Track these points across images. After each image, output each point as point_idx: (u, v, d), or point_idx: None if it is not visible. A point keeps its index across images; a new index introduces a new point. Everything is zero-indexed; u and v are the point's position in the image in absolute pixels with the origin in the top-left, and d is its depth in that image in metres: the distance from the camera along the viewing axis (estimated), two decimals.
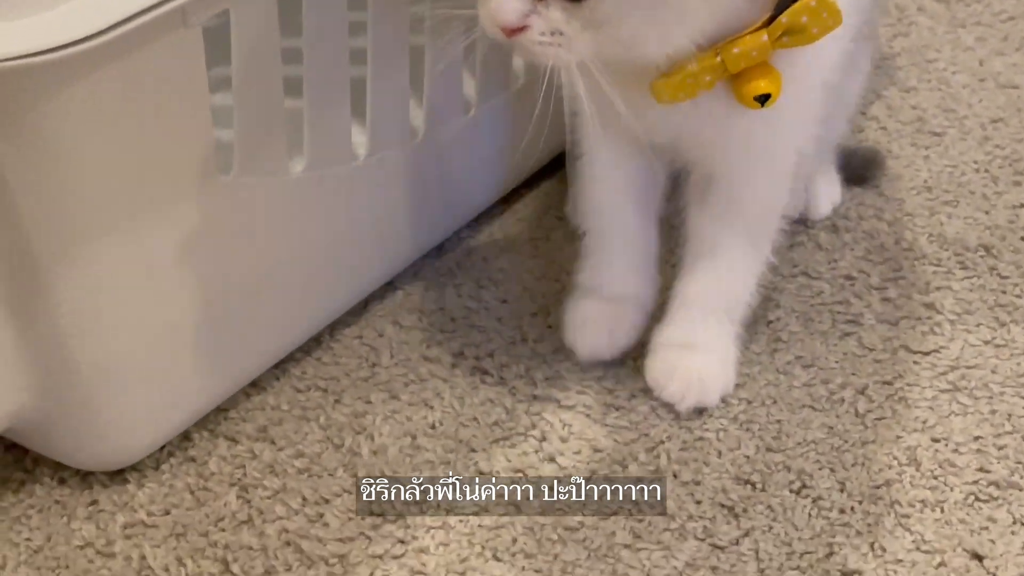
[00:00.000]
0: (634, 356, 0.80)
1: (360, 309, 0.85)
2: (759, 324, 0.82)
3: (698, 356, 0.77)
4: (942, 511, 0.71)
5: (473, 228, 0.91)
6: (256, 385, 0.80)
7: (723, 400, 0.78)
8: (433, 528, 0.71)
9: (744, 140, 0.71)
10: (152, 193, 0.67)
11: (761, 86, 0.66)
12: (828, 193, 0.91)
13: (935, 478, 0.73)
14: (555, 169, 0.95)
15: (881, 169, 0.94)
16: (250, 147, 0.71)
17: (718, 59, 0.65)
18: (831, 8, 0.65)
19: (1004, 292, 0.83)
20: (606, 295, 0.80)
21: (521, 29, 0.64)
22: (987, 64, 1.05)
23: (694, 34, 0.64)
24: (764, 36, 0.65)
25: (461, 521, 0.72)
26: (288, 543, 0.71)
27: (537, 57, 0.65)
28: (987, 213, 0.90)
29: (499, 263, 0.88)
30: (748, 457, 0.74)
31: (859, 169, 0.93)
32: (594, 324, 0.79)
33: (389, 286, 0.86)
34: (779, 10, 0.65)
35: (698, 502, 0.72)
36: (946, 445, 0.74)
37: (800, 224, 0.88)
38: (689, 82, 0.66)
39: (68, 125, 0.62)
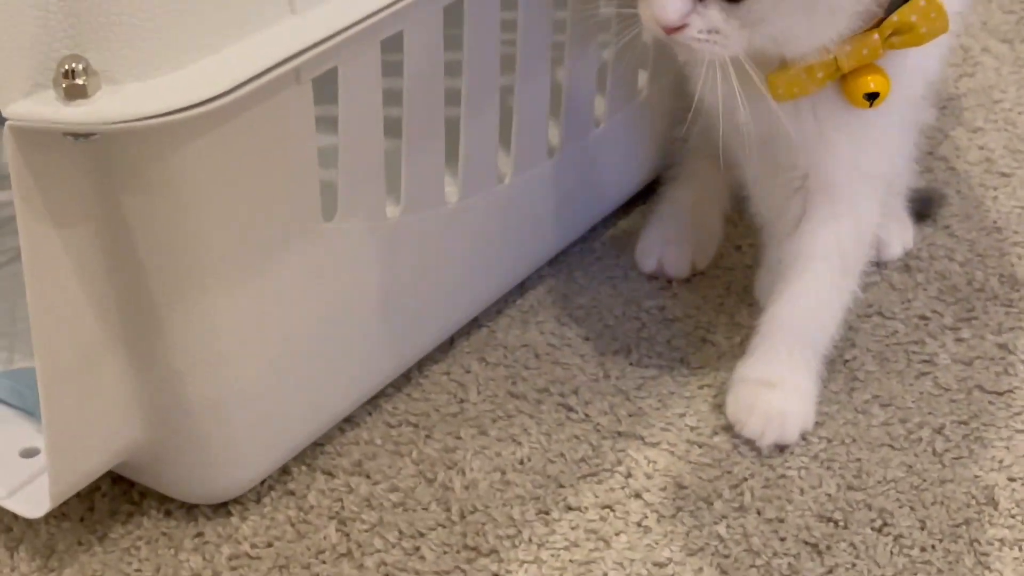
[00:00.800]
0: (714, 394, 0.83)
1: (447, 346, 0.88)
2: (836, 363, 0.84)
3: (778, 393, 0.80)
4: (1020, 549, 0.73)
5: (552, 266, 0.94)
6: (350, 420, 0.83)
7: (803, 438, 0.80)
8: (526, 562, 0.74)
9: (848, 142, 0.75)
10: (263, 238, 0.70)
11: (870, 84, 0.70)
12: (900, 234, 0.93)
13: (1012, 516, 0.75)
14: (631, 208, 0.98)
15: (941, 207, 0.96)
16: (352, 194, 0.74)
17: (831, 57, 0.69)
18: (939, 9, 0.69)
19: None
20: None
21: (681, 27, 0.68)
22: None
23: (836, 32, 0.69)
24: (875, 35, 0.70)
25: (553, 555, 0.74)
26: (387, 575, 0.74)
27: (694, 52, 0.69)
28: None
29: (579, 300, 0.91)
30: (829, 495, 0.76)
31: (920, 207, 0.95)
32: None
33: (474, 323, 0.89)
34: (889, 11, 0.69)
35: (782, 539, 0.74)
36: (1023, 484, 0.76)
37: (874, 265, 0.90)
38: (803, 77, 0.70)
39: (191, 177, 0.65)
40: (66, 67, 0.60)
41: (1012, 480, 0.77)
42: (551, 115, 0.88)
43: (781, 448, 0.80)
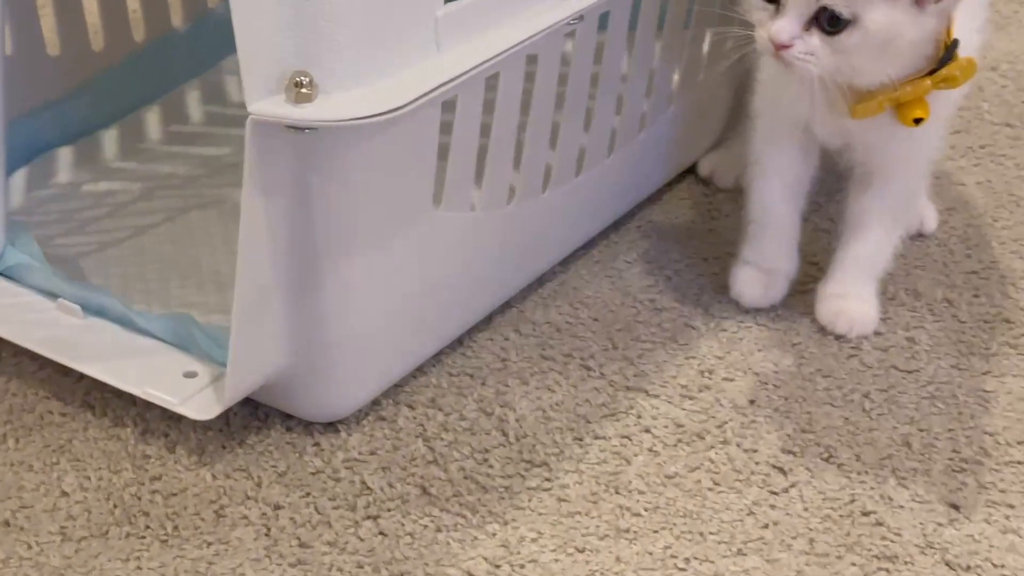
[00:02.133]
0: (698, 363, 1.09)
1: (487, 321, 1.13)
2: (785, 345, 1.12)
3: (854, 301, 1.11)
4: (927, 475, 1.00)
5: (565, 264, 1.19)
6: (421, 370, 1.07)
7: (766, 396, 1.07)
8: (570, 471, 0.99)
9: (899, 146, 1.05)
10: (396, 216, 0.95)
11: (919, 112, 0.99)
12: (931, 213, 1.24)
13: (921, 455, 1.02)
14: (624, 224, 1.24)
15: None
16: (454, 190, 0.99)
17: (896, 92, 0.98)
18: (972, 63, 0.99)
19: None
20: (764, 267, 1.14)
21: (788, 46, 0.95)
22: None
23: (895, 72, 0.97)
24: (928, 82, 0.99)
25: (589, 468, 0.99)
26: (466, 476, 0.98)
27: (794, 68, 0.96)
28: None
29: (587, 292, 1.17)
30: (789, 435, 1.03)
31: None
32: (753, 284, 1.13)
33: (507, 305, 1.14)
34: (941, 64, 0.98)
35: (756, 463, 1.00)
36: (929, 435, 1.04)
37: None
38: (875, 105, 0.98)
39: (360, 165, 0.90)
40: (297, 79, 0.84)
41: (921, 431, 1.04)
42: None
43: (862, 338, 1.11)
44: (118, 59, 1.27)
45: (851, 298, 1.12)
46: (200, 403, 0.96)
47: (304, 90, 0.84)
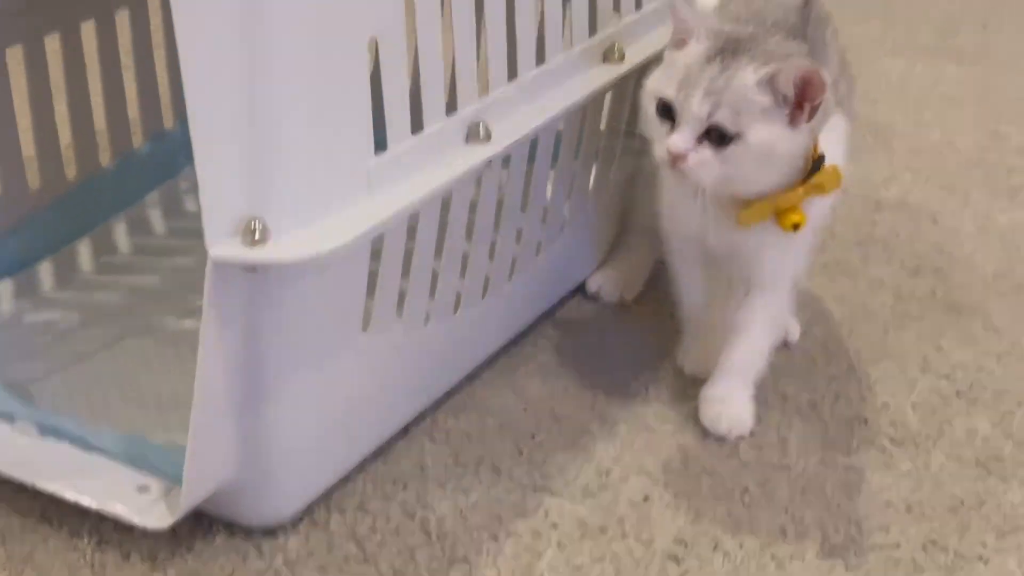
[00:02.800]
0: (599, 472, 1.22)
1: (404, 432, 1.24)
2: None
3: (733, 406, 1.25)
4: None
5: (470, 378, 1.32)
6: (347, 478, 1.18)
7: None
8: (488, 566, 1.11)
9: (777, 254, 1.20)
10: (331, 339, 1.07)
11: (796, 218, 1.14)
12: (794, 325, 1.39)
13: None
14: (522, 339, 1.37)
15: None
16: (380, 314, 1.12)
17: (775, 200, 1.14)
18: (838, 173, 1.14)
19: None
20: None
21: (684, 157, 1.09)
22: None
23: (773, 182, 1.13)
24: (800, 189, 1.14)
25: (505, 561, 1.11)
26: (395, 573, 1.09)
27: (689, 177, 1.10)
28: None
29: (492, 402, 1.29)
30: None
31: None
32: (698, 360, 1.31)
33: (421, 416, 1.26)
34: (810, 174, 1.13)
35: (653, 553, 1.13)
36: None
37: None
38: (757, 212, 1.14)
39: (302, 298, 1.02)
40: (252, 224, 0.96)
41: (795, 521, 1.18)
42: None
43: (740, 438, 1.25)
44: (50, 198, 1.37)
45: (730, 402, 1.26)
46: (155, 514, 1.06)
47: (258, 234, 0.96)
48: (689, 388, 1.30)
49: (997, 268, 1.53)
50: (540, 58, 1.22)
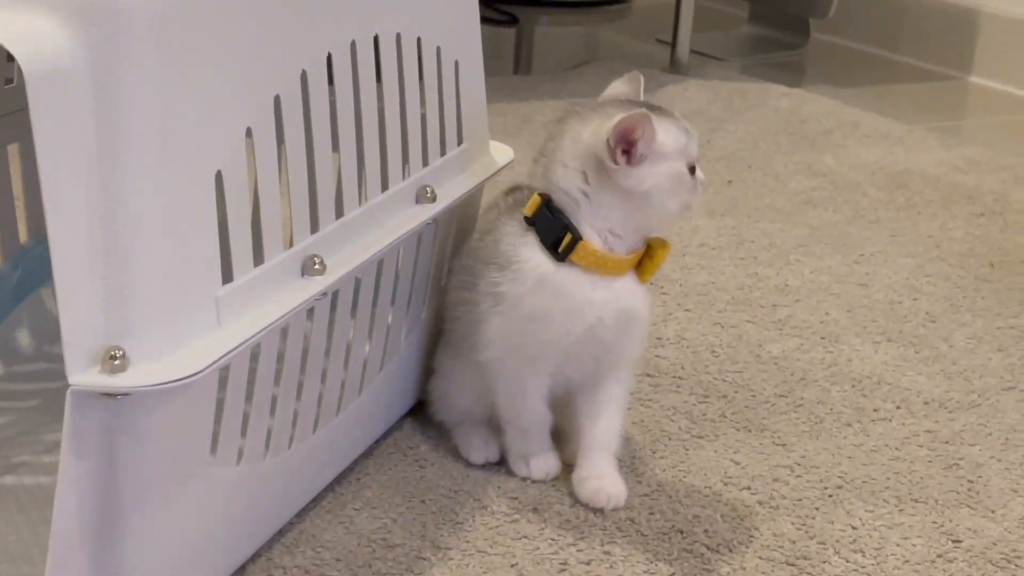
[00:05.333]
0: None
1: (241, 571, 1.25)
2: None
3: (607, 480, 1.34)
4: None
5: (300, 516, 1.34)
6: None
7: None
8: None
9: (645, 320, 1.35)
10: (179, 469, 1.08)
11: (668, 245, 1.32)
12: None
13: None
14: (345, 477, 1.40)
15: None
16: (225, 444, 1.14)
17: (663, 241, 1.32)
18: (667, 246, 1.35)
19: None
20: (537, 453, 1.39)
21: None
22: None
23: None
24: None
25: None
26: None
27: (697, 200, 1.33)
28: None
29: (325, 537, 1.31)
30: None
31: None
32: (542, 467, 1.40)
33: (256, 554, 1.27)
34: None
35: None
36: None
37: None
38: (660, 257, 1.32)
39: (155, 426, 1.03)
40: (111, 353, 0.98)
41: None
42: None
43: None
44: None
45: (605, 477, 1.35)
46: None
47: (117, 362, 0.98)
48: (515, 512, 1.35)
49: (777, 391, 1.65)
50: (362, 198, 1.28)
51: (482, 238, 1.38)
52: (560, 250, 1.30)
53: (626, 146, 1.27)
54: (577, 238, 1.30)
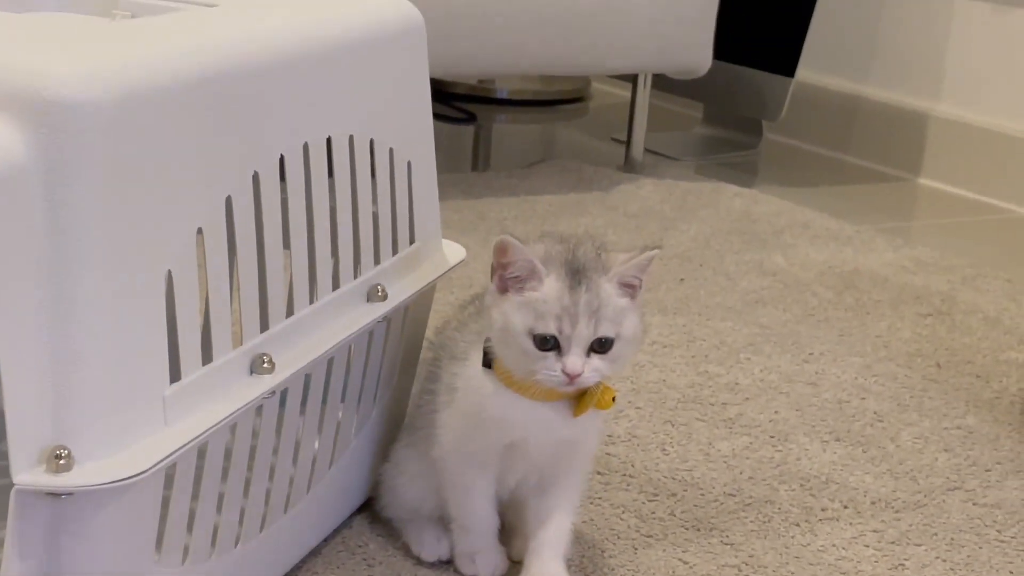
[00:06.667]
0: None
1: None
2: None
3: None
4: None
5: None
6: None
7: None
8: None
9: (592, 434, 1.33)
10: (126, 569, 1.08)
11: (612, 392, 1.28)
12: None
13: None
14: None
15: None
16: (170, 544, 1.13)
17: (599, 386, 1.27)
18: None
19: None
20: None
21: (580, 374, 1.21)
22: None
23: None
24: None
25: None
26: None
27: (584, 384, 1.24)
28: None
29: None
30: None
31: None
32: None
33: None
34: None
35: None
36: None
37: None
38: (590, 399, 1.26)
39: (101, 525, 1.03)
40: (57, 452, 0.98)
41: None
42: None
43: None
44: None
45: None
46: None
47: (63, 461, 0.98)
48: None
49: (726, 489, 1.66)
50: (312, 297, 1.29)
51: (452, 331, 1.40)
52: (486, 355, 1.30)
53: (501, 270, 1.26)
54: None
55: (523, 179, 2.99)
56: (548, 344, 1.23)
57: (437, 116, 1.57)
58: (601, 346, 1.23)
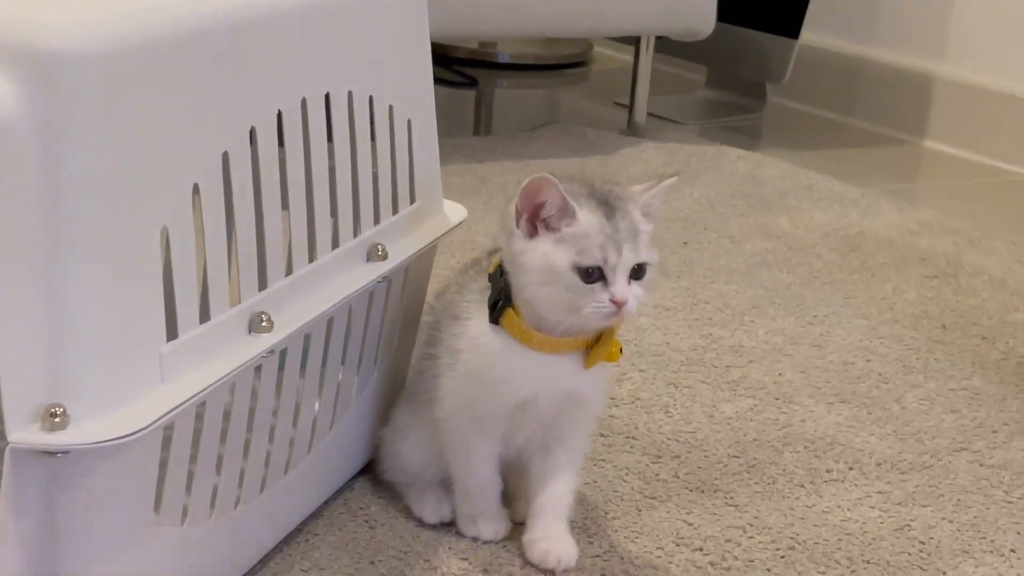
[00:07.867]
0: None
1: None
2: None
3: (557, 541, 1.32)
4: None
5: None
6: None
7: None
8: None
9: (599, 389, 1.33)
10: (123, 528, 1.06)
11: (619, 344, 1.28)
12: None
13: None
14: (293, 538, 1.38)
15: None
16: (168, 504, 1.12)
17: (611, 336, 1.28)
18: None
19: None
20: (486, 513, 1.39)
21: (627, 302, 1.21)
22: None
23: None
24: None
25: None
26: None
27: (628, 313, 1.23)
28: None
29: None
30: None
31: None
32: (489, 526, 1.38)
33: None
34: None
35: None
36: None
37: None
38: (602, 349, 1.27)
39: (98, 484, 1.02)
40: (52, 410, 0.97)
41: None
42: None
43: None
44: None
45: (555, 538, 1.33)
46: None
47: (58, 419, 0.97)
48: (465, 573, 1.34)
49: (730, 451, 1.64)
50: (312, 255, 1.27)
51: (452, 294, 1.38)
52: (494, 311, 1.29)
53: (530, 213, 1.25)
54: (508, 303, 1.28)
55: (525, 143, 2.97)
56: (592, 276, 1.23)
57: (438, 80, 1.55)
58: (637, 273, 1.24)
